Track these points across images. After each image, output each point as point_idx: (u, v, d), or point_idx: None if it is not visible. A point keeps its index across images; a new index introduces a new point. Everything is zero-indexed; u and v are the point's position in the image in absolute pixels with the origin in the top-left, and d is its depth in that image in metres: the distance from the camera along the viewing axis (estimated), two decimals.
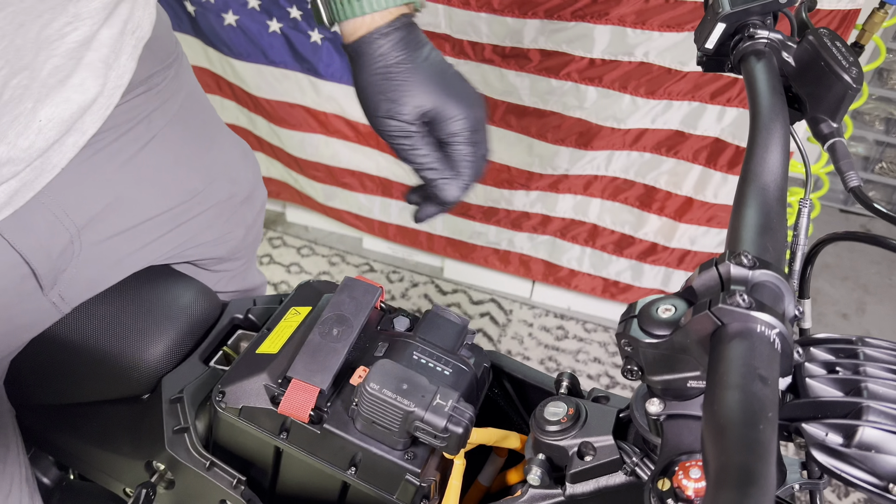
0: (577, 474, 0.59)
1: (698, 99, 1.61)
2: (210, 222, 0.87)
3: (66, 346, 0.77)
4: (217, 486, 0.69)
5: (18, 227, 0.65)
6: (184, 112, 0.81)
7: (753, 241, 0.50)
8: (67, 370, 0.78)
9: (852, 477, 0.45)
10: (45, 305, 0.72)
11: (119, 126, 0.71)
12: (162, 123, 0.77)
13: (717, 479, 0.33)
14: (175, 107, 0.79)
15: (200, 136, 0.85)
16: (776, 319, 0.43)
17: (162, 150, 0.78)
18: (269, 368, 0.66)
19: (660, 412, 0.52)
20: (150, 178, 0.77)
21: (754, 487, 0.32)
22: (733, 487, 0.32)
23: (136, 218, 0.77)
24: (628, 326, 0.52)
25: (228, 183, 0.88)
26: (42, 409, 0.83)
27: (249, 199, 0.94)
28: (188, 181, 0.82)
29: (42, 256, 0.68)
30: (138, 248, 0.79)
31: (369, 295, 0.71)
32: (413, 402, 0.59)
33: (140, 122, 0.74)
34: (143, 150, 0.75)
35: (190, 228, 0.84)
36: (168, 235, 0.82)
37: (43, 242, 0.68)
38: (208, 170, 0.85)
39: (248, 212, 0.95)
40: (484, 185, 1.94)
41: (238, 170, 0.91)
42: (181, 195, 0.82)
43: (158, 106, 0.76)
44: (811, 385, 0.49)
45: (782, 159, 0.56)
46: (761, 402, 0.38)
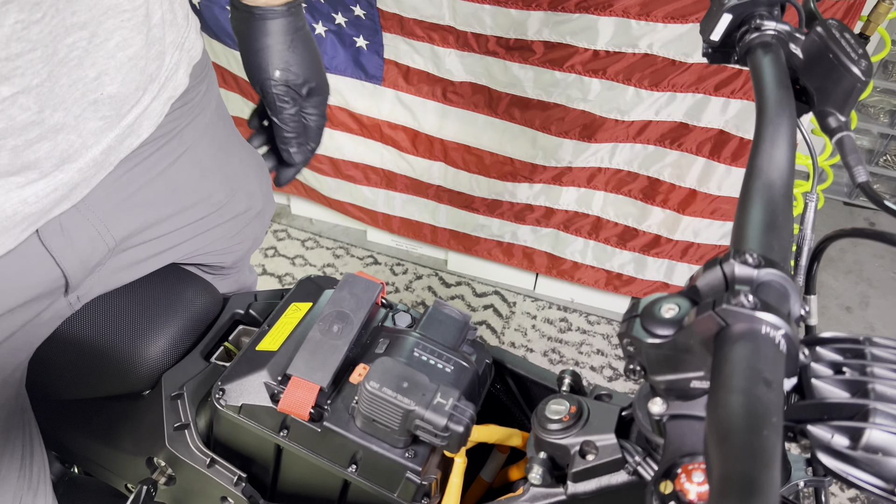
0: (578, 473, 0.58)
1: (702, 91, 1.59)
2: (224, 233, 0.89)
3: (67, 343, 0.76)
4: (218, 482, 0.68)
5: (65, 245, 0.67)
6: (211, 126, 0.83)
7: (759, 240, 0.50)
8: (69, 367, 0.77)
9: (858, 480, 0.45)
10: (63, 305, 0.73)
11: (156, 140, 0.74)
12: (192, 138, 0.79)
13: (720, 488, 0.32)
14: (205, 121, 0.81)
15: (224, 150, 0.86)
16: (781, 320, 0.42)
17: (191, 164, 0.80)
18: (269, 366, 0.65)
19: (662, 412, 0.51)
20: (180, 191, 0.79)
21: (758, 498, 0.31)
22: (736, 498, 0.31)
23: (163, 230, 0.79)
24: (631, 326, 0.51)
25: (246, 196, 0.90)
26: (44, 406, 0.82)
27: (262, 213, 0.96)
28: (213, 194, 0.84)
29: (79, 269, 0.70)
30: (156, 254, 0.81)
31: (370, 291, 0.71)
32: (413, 400, 0.59)
33: (174, 136, 0.76)
34: (174, 164, 0.77)
35: (206, 238, 0.86)
36: (185, 243, 0.84)
37: (83, 257, 0.70)
38: (230, 182, 0.86)
39: (259, 225, 0.97)
40: (488, 178, 1.94)
41: (254, 183, 0.93)
42: (207, 208, 0.84)
43: (191, 121, 0.79)
44: (817, 386, 0.48)
45: (789, 154, 0.55)
46: (765, 407, 0.37)
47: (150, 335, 0.76)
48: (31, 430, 0.78)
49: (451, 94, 1.82)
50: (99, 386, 0.77)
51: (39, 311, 0.70)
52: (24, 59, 0.53)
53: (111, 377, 0.76)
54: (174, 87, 0.73)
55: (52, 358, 0.77)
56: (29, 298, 0.67)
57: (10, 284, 0.64)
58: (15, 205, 0.58)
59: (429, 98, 1.85)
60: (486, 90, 1.77)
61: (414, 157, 1.99)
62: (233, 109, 2.15)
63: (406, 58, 1.80)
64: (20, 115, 0.55)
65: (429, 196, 2.07)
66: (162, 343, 0.76)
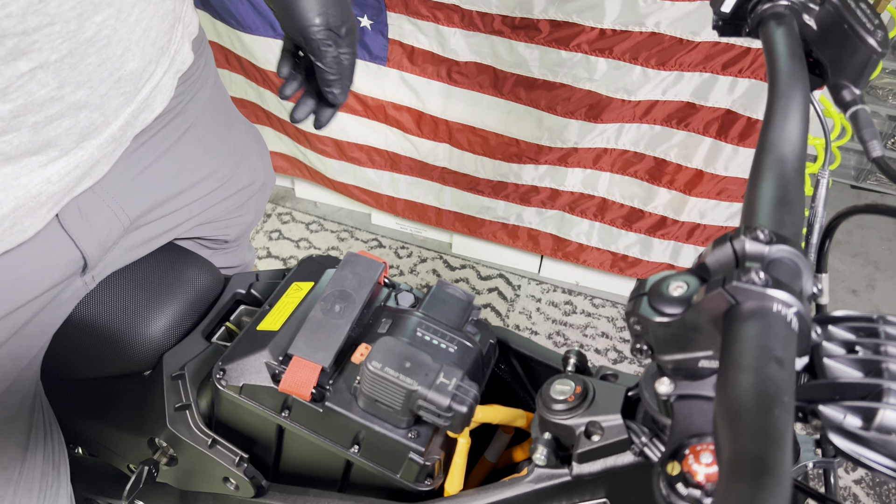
0: (584, 454, 0.57)
1: (710, 70, 1.57)
2: (229, 207, 0.89)
3: (68, 323, 0.76)
4: (219, 463, 0.68)
5: (84, 227, 0.67)
6: (212, 101, 0.84)
7: (770, 215, 0.48)
8: (70, 347, 0.77)
9: (871, 461, 0.44)
10: (79, 285, 0.74)
11: (162, 116, 0.74)
12: (195, 114, 0.80)
13: (731, 469, 0.31)
14: (205, 96, 0.82)
15: (224, 125, 0.87)
16: (793, 298, 0.41)
17: (195, 140, 0.80)
18: (270, 346, 0.65)
19: (670, 392, 0.50)
20: (187, 168, 0.79)
21: (769, 479, 0.30)
22: (747, 479, 0.30)
23: (171, 207, 0.79)
24: (638, 304, 0.50)
25: (249, 170, 0.91)
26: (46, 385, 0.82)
27: (264, 186, 0.96)
28: (219, 169, 0.84)
29: (97, 250, 0.70)
30: (167, 230, 0.81)
31: (372, 270, 0.70)
32: (416, 380, 0.58)
33: (179, 112, 0.77)
34: (180, 140, 0.78)
35: (212, 212, 0.87)
36: (194, 218, 0.84)
37: (101, 238, 0.70)
38: (233, 156, 0.87)
39: (261, 199, 0.97)
40: (493, 159, 1.92)
41: (255, 157, 0.93)
42: (213, 183, 0.84)
43: (192, 96, 0.79)
44: (829, 365, 0.47)
45: (801, 128, 0.54)
46: (777, 386, 0.36)
47: (150, 315, 0.75)
48: (49, 413, 0.78)
49: (456, 75, 1.80)
50: (100, 366, 0.76)
51: (58, 293, 0.70)
52: (42, 33, 0.52)
53: (112, 357, 0.75)
54: (182, 60, 0.73)
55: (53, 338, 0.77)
56: (50, 281, 0.67)
57: (34, 269, 0.65)
58: (39, 184, 0.59)
59: (433, 78, 1.83)
60: (492, 70, 1.75)
61: (419, 138, 1.98)
62: (236, 91, 2.13)
63: (411, 38, 1.78)
64: (39, 90, 0.54)
65: (433, 178, 2.06)
66: (163, 323, 0.75)
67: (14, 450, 0.71)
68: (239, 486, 0.69)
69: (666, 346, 0.49)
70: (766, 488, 0.29)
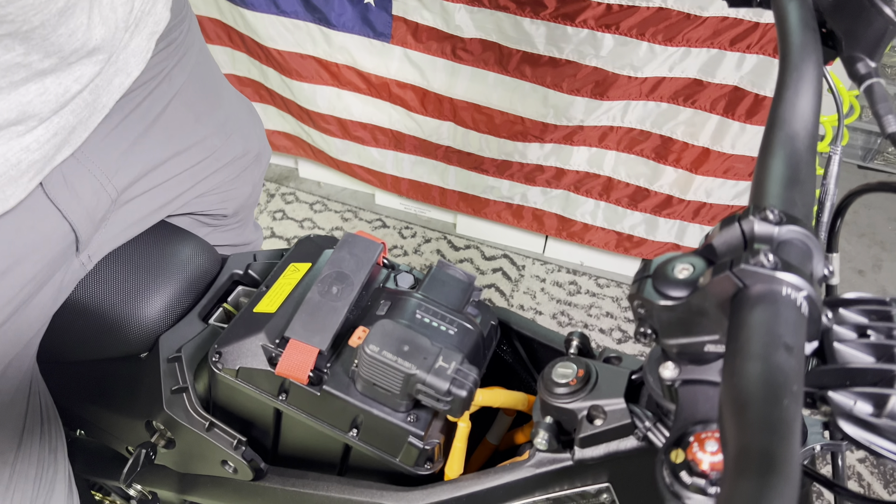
0: (586, 439, 0.56)
1: (717, 46, 1.54)
2: (223, 179, 0.88)
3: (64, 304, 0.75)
4: (217, 446, 0.67)
5: (70, 198, 0.66)
6: (198, 68, 0.82)
7: (780, 195, 0.46)
8: (66, 328, 0.76)
9: (882, 448, 0.42)
10: (76, 265, 0.73)
11: (146, 84, 0.72)
12: (181, 80, 0.78)
13: (737, 464, 0.30)
14: (191, 62, 0.80)
15: (213, 93, 0.85)
16: (804, 281, 0.40)
17: (183, 108, 0.78)
18: (266, 328, 0.63)
19: (674, 377, 0.49)
20: (175, 137, 0.78)
21: (777, 476, 0.29)
22: (754, 475, 0.29)
23: (162, 177, 0.78)
24: (642, 287, 0.48)
25: (242, 139, 0.89)
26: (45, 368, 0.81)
27: (259, 157, 0.94)
28: (208, 138, 0.83)
29: (87, 223, 0.69)
30: (160, 206, 0.80)
31: (370, 251, 0.68)
32: (414, 364, 0.57)
33: (163, 79, 0.75)
34: (167, 109, 0.76)
35: (206, 184, 0.85)
36: (184, 193, 0.82)
37: (89, 210, 0.69)
38: (223, 126, 0.85)
39: (257, 170, 0.95)
40: (497, 138, 1.89)
41: (248, 126, 0.92)
42: (202, 152, 0.82)
43: (177, 62, 0.77)
44: (840, 350, 0.46)
45: (814, 103, 0.52)
46: (785, 375, 0.35)
47: (146, 296, 0.74)
48: (45, 397, 0.78)
49: (460, 52, 1.77)
50: (96, 348, 0.75)
51: (55, 273, 0.69)
52: (16, 5, 0.51)
53: (108, 339, 0.74)
54: (155, 21, 0.71)
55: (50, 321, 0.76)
56: (44, 259, 0.66)
57: (25, 243, 0.64)
58: (18, 153, 0.58)
59: (438, 56, 1.80)
60: (497, 47, 1.72)
61: (423, 116, 1.95)
62: (240, 69, 2.11)
63: (415, 14, 1.75)
64: (3, 55, 0.53)
65: (438, 157, 2.04)
66: (158, 304, 0.74)
67: (10, 434, 0.70)
68: (237, 470, 0.68)
69: (670, 330, 0.48)
70: (774, 486, 0.28)
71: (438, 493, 0.61)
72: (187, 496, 0.78)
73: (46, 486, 0.75)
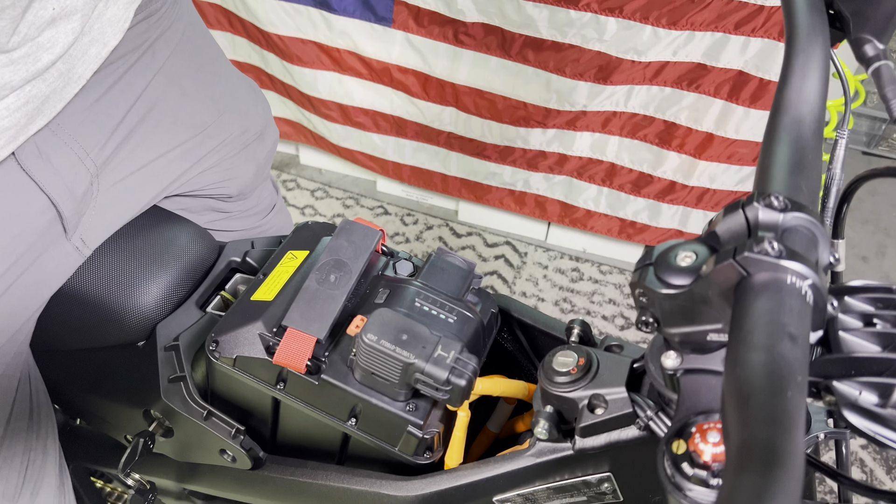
0: (586, 428, 0.56)
1: (722, 29, 1.52)
2: (220, 157, 0.86)
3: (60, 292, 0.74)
4: (215, 435, 0.67)
5: (46, 170, 0.65)
6: (186, 43, 0.80)
7: (785, 181, 0.45)
8: (62, 316, 0.75)
9: (886, 438, 0.41)
10: (69, 250, 0.71)
11: (125, 57, 0.71)
12: (165, 54, 0.76)
13: (739, 457, 0.29)
14: (177, 36, 0.78)
15: (205, 69, 0.83)
16: (809, 269, 0.39)
17: (168, 82, 0.76)
18: (263, 317, 0.63)
19: (677, 367, 0.48)
20: (158, 112, 0.76)
21: (780, 470, 0.28)
22: (757, 469, 0.28)
23: (149, 155, 0.76)
24: (644, 275, 0.47)
25: (239, 116, 0.87)
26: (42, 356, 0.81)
27: (262, 136, 0.92)
28: (196, 114, 0.81)
29: (67, 198, 0.68)
30: (152, 186, 0.78)
31: (369, 238, 0.68)
32: (413, 353, 0.56)
33: (145, 51, 0.73)
34: (151, 83, 0.74)
35: (201, 164, 0.83)
36: (180, 172, 0.81)
37: (68, 183, 0.67)
38: (216, 103, 0.83)
39: (260, 149, 0.93)
40: (500, 123, 1.88)
41: (248, 104, 0.89)
42: (190, 129, 0.80)
43: (160, 34, 0.75)
44: (845, 339, 0.45)
45: (821, 86, 0.51)
46: (790, 366, 0.34)
47: (143, 284, 0.73)
48: (37, 384, 0.77)
49: (462, 36, 1.75)
50: (93, 336, 0.75)
51: (41, 253, 0.68)
52: None
53: (104, 327, 0.74)
54: None
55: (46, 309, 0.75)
56: (24, 234, 0.65)
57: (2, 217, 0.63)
58: None
59: (440, 40, 1.79)
60: (499, 31, 1.70)
61: (424, 102, 1.94)
62: (240, 55, 2.10)
63: None
64: None
65: (440, 143, 2.02)
66: (155, 292, 0.74)
67: None
68: (236, 459, 0.68)
69: (673, 318, 0.47)
70: (777, 481, 0.27)
71: (438, 482, 0.60)
72: (186, 485, 0.78)
73: (34, 475, 0.74)
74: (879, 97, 0.57)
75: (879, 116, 2.39)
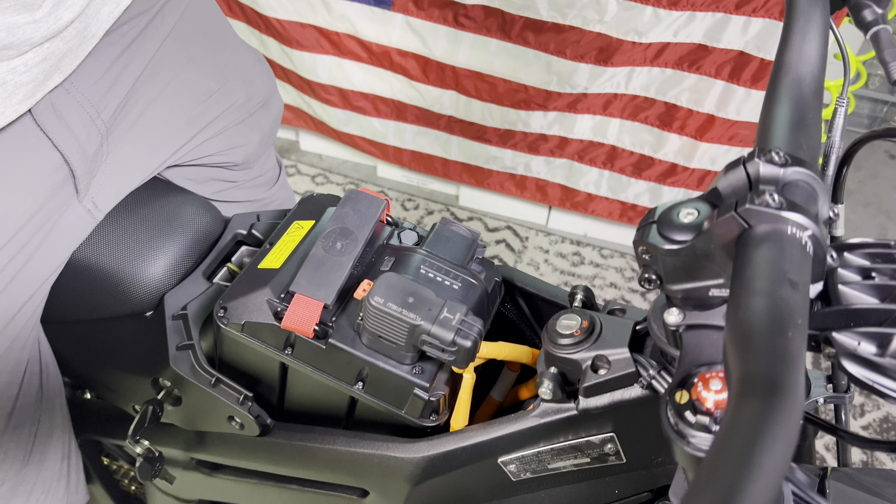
0: (590, 388, 0.57)
1: (723, 9, 1.52)
2: (226, 124, 0.87)
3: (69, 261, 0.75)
4: (223, 402, 0.68)
5: (60, 127, 0.66)
6: (194, 9, 0.81)
7: (785, 138, 0.46)
8: (70, 287, 0.76)
9: (885, 388, 0.42)
10: (81, 212, 0.72)
11: (136, 19, 0.72)
12: (174, 18, 0.77)
13: (741, 388, 0.30)
14: (185, 1, 0.79)
15: (211, 36, 0.84)
16: (808, 220, 0.40)
17: (176, 47, 0.77)
18: (271, 283, 0.64)
19: (679, 322, 0.49)
20: (166, 77, 0.77)
21: (781, 396, 0.29)
22: (759, 397, 0.29)
23: (156, 120, 0.77)
24: (647, 232, 0.48)
25: (244, 84, 0.87)
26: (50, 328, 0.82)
27: (266, 105, 0.93)
28: (202, 81, 0.82)
29: (79, 157, 0.69)
30: (159, 151, 0.79)
31: (374, 207, 0.68)
32: (419, 315, 0.57)
33: (155, 15, 0.74)
34: (161, 48, 0.75)
35: (207, 131, 0.84)
36: (187, 138, 0.82)
37: (80, 142, 0.68)
38: (221, 70, 0.84)
39: (265, 118, 0.93)
40: (500, 106, 1.88)
41: (252, 73, 0.90)
42: (196, 95, 0.81)
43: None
44: (844, 292, 0.46)
45: (820, 49, 0.52)
46: (790, 308, 0.35)
47: (150, 255, 0.74)
48: (47, 354, 0.78)
49: (462, 18, 1.75)
50: (101, 307, 0.76)
51: (55, 214, 0.69)
52: None
53: (112, 297, 0.74)
54: None
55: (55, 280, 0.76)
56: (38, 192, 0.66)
57: (17, 173, 0.64)
58: (4, 73, 0.58)
59: (440, 23, 1.79)
60: (499, 13, 1.70)
61: (425, 85, 1.94)
62: None
63: None
64: None
65: (440, 127, 2.03)
66: (162, 262, 0.74)
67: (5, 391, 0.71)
68: (244, 425, 0.69)
69: (675, 275, 0.48)
70: (778, 406, 0.28)
71: (444, 444, 0.61)
72: (193, 454, 0.79)
73: (42, 442, 0.75)
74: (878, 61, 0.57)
75: (881, 99, 2.39)
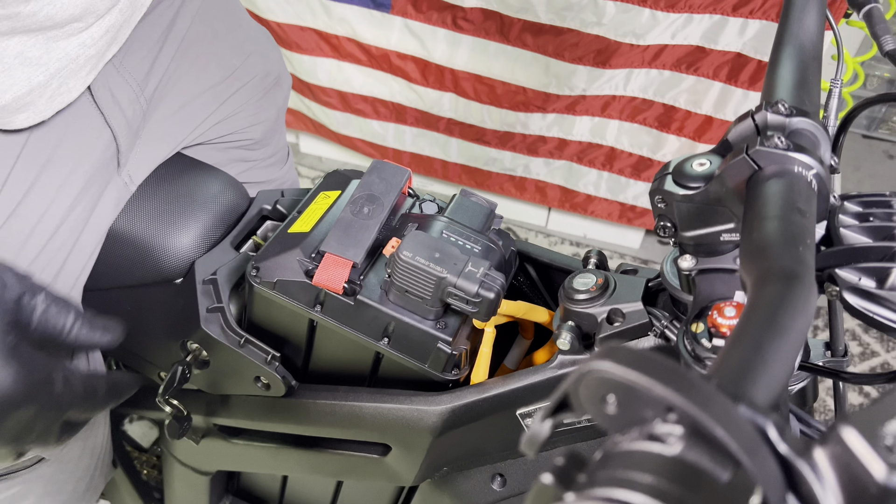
0: (606, 339, 0.60)
1: (720, 11, 1.57)
2: (246, 100, 0.90)
3: None
4: (251, 362, 0.70)
5: (112, 104, 0.70)
6: None
7: (790, 92, 0.50)
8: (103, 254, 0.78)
9: (884, 319, 0.46)
10: (120, 184, 0.75)
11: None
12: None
13: (760, 279, 0.34)
14: None
15: (232, 13, 0.88)
16: (814, 160, 0.44)
17: (203, 24, 0.81)
18: (302, 245, 0.67)
19: (692, 267, 0.53)
20: (194, 53, 0.80)
21: (798, 281, 0.32)
22: (777, 282, 0.32)
23: (185, 95, 0.81)
24: (662, 182, 0.52)
25: (262, 60, 0.91)
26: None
27: (279, 81, 0.96)
28: (226, 57, 0.85)
29: (126, 132, 0.72)
30: (187, 125, 0.82)
31: (398, 176, 0.72)
32: (445, 268, 0.60)
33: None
34: (192, 26, 0.79)
35: (229, 107, 0.87)
36: (210, 112, 0.85)
37: (128, 118, 0.72)
38: (241, 46, 0.88)
39: (279, 94, 0.97)
40: (500, 109, 1.92)
41: (267, 48, 0.94)
42: (221, 71, 0.85)
43: None
44: (845, 234, 0.50)
45: (818, 21, 0.56)
46: (801, 229, 0.39)
47: (181, 224, 0.77)
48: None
49: (461, 21, 1.80)
50: (132, 274, 0.79)
51: (102, 189, 0.72)
52: None
53: (144, 265, 0.77)
54: None
55: None
56: (90, 167, 0.69)
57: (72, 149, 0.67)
58: (76, 48, 0.62)
59: (438, 25, 1.83)
60: (498, 16, 1.75)
61: (424, 88, 1.98)
62: None
63: None
64: None
65: (439, 129, 2.06)
66: (193, 232, 0.78)
67: None
68: (270, 385, 0.72)
69: (689, 221, 0.52)
70: (798, 287, 0.32)
71: (465, 396, 0.65)
72: (216, 419, 0.82)
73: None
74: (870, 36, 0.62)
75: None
